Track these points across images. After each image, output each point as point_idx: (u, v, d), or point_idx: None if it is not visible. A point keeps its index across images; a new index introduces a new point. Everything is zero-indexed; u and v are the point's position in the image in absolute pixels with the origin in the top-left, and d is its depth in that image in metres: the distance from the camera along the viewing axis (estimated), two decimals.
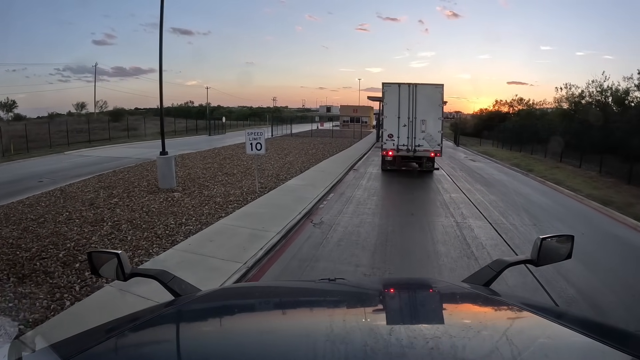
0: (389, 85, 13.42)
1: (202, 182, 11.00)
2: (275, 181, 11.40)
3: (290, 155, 18.21)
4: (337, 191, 10.46)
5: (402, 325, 1.00)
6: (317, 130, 38.96)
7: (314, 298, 1.35)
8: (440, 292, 1.41)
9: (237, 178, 11.81)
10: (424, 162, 13.63)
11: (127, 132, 31.76)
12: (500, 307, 1.17)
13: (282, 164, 15.07)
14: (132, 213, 7.50)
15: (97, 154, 19.23)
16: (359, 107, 48.71)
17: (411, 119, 13.26)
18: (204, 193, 9.56)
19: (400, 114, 13.30)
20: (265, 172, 13.07)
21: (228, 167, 14.11)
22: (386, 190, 10.90)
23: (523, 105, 38.19)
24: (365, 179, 12.56)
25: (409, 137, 13.36)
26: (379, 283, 1.95)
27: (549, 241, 1.47)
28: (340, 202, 9.15)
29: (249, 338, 0.91)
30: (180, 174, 12.10)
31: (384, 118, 13.60)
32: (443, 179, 12.99)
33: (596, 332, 0.91)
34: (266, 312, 1.23)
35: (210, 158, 16.69)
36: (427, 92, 13.16)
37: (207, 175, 12.17)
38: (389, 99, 13.40)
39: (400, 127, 13.36)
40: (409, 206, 8.92)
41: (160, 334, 1.03)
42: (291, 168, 14.00)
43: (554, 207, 9.67)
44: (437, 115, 13.22)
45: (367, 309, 1.19)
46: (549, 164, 17.42)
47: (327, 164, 15.56)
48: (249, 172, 12.92)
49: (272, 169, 13.70)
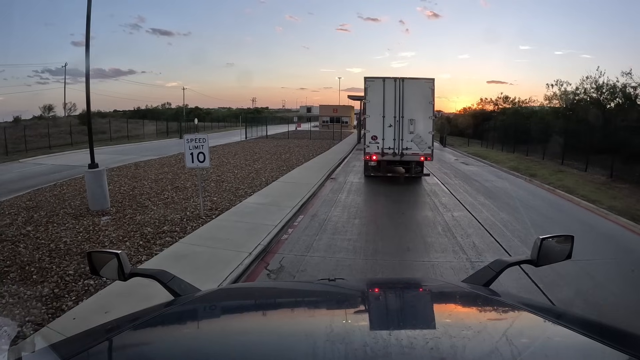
0: (372, 79, 11.23)
1: (144, 200, 8.67)
2: (232, 198, 9.00)
3: (260, 161, 15.80)
4: (308, 212, 8.15)
5: (402, 325, 1.01)
6: (295, 132, 36.61)
7: (314, 298, 1.34)
8: (440, 293, 1.40)
9: (187, 194, 9.39)
10: (412, 167, 11.50)
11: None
12: (500, 307, 1.17)
13: (247, 172, 12.67)
14: (34, 252, 5.42)
15: (52, 162, 16.74)
16: (339, 107, 46.53)
17: (398, 119, 11.12)
18: (136, 219, 7.20)
19: (385, 113, 11.14)
20: (223, 184, 10.65)
21: (183, 178, 11.64)
22: (371, 209, 8.64)
23: (508, 104, 36.79)
24: (345, 191, 10.29)
25: (395, 139, 11.23)
26: (379, 283, 1.87)
27: (549, 241, 1.45)
28: (310, 229, 6.84)
29: (249, 338, 0.92)
30: (124, 189, 9.99)
31: (367, 118, 11.39)
32: (438, 189, 10.86)
33: (596, 332, 0.91)
34: (266, 312, 1.22)
35: (169, 166, 14.20)
36: (415, 87, 11.04)
37: (154, 190, 9.78)
38: (372, 96, 11.20)
39: (386, 128, 11.20)
40: (402, 234, 6.68)
41: (160, 334, 1.03)
42: (257, 178, 11.63)
43: (581, 229, 7.63)
44: (427, 114, 11.11)
45: (366, 309, 1.19)
46: (550, 168, 15.59)
47: (300, 171, 13.23)
48: (204, 184, 10.49)
49: (234, 180, 11.29)
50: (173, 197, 9.06)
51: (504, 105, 36.66)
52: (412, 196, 10.02)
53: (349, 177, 12.73)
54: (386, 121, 11.13)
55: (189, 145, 7.32)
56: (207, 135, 7.56)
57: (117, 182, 10.92)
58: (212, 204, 8.47)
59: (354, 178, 12.48)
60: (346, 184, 11.44)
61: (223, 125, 58.03)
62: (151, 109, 68.65)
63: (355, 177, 12.59)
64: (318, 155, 18.44)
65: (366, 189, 10.85)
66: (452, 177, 13.20)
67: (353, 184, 11.44)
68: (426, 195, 9.98)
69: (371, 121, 11.28)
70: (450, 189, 10.91)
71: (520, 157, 19.05)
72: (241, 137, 30.22)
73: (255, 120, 38.66)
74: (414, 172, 11.49)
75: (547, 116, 23.80)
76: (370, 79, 11.18)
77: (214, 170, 13.14)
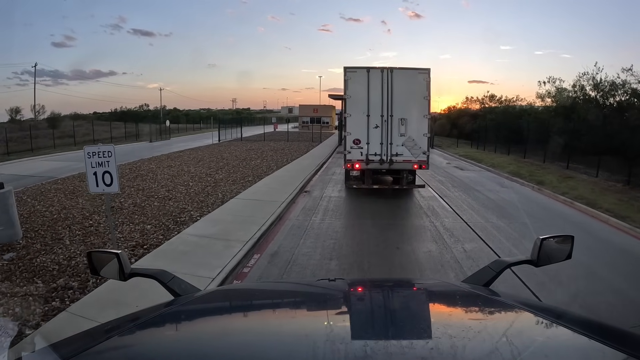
0: (354, 69, 9.05)
1: (63, 229, 6.51)
2: (170, 226, 6.70)
3: (224, 169, 13.42)
4: (267, 247, 5.89)
5: (402, 325, 1.01)
6: (273, 133, 34.24)
7: (314, 298, 1.32)
8: (441, 293, 1.40)
9: (121, 218, 7.05)
10: (404, 177, 9.38)
11: (55, 140, 26.30)
12: (500, 308, 1.17)
13: (204, 186, 10.32)
14: None
15: (2, 172, 13.97)
16: (320, 107, 44.34)
17: (386, 118, 8.97)
18: (36, 261, 5.08)
19: (370, 111, 8.98)
20: (168, 203, 8.31)
21: (125, 194, 9.21)
22: (354, 240, 6.40)
23: (495, 102, 35.40)
24: (320, 211, 8.07)
25: (382, 144, 9.07)
26: (380, 283, 1.76)
27: (549, 241, 1.44)
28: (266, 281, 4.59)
29: (249, 338, 0.91)
30: (53, 209, 7.84)
31: (348, 117, 9.19)
32: (436, 204, 8.78)
33: (596, 332, 0.91)
34: (266, 312, 1.21)
35: (126, 175, 11.74)
36: (407, 79, 8.92)
37: (83, 213, 7.56)
38: (354, 90, 9.02)
39: (371, 130, 9.04)
40: None
41: (160, 334, 1.03)
42: (213, 194, 9.31)
43: (630, 262, 5.66)
44: (421, 112, 8.99)
45: (367, 309, 1.18)
46: (555, 172, 13.76)
47: (268, 183, 10.94)
48: (149, 202, 8.10)
49: (183, 197, 8.93)
50: (99, 224, 6.73)
51: (490, 104, 35.26)
52: (406, 217, 7.88)
53: (326, 189, 10.51)
54: (372, 121, 8.98)
55: (92, 162, 4.82)
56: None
57: (50, 200, 8.60)
58: (141, 236, 6.18)
59: (332, 191, 10.27)
60: (322, 199, 9.22)
61: (199, 127, 55.13)
62: (126, 111, 65.61)
63: (334, 190, 10.39)
64: (293, 161, 16.17)
65: (347, 207, 8.65)
66: (450, 186, 11.16)
67: (331, 199, 9.23)
68: (424, 215, 7.85)
69: (353, 121, 9.09)
70: (451, 204, 8.84)
71: (518, 160, 17.25)
72: (213, 140, 27.70)
73: (230, 122, 36.00)
74: (406, 184, 9.37)
75: (542, 115, 22.19)
76: (351, 69, 9.00)
77: (165, 182, 10.77)
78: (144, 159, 16.40)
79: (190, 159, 16.50)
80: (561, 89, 21.51)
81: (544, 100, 22.89)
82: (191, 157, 17.23)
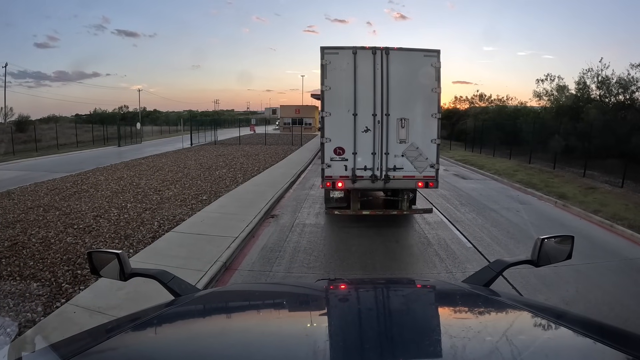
0: (335, 50, 6.58)
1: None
2: (62, 286, 4.22)
3: (179, 183, 10.86)
4: None
5: (403, 325, 0.98)
6: (252, 136, 31.67)
7: (314, 298, 1.29)
8: (441, 293, 1.37)
9: (8, 263, 4.52)
10: (404, 198, 7.01)
11: (17, 146, 23.31)
12: (500, 308, 1.14)
13: (144, 208, 7.81)
14: None
15: None
16: (302, 107, 41.88)
17: (379, 118, 6.50)
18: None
19: (357, 109, 6.53)
20: (83, 239, 5.81)
21: (47, 219, 6.64)
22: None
23: (485, 102, 33.68)
24: (287, 253, 5.66)
25: (375, 153, 6.58)
26: (380, 283, 1.78)
27: (549, 242, 1.41)
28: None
29: (249, 338, 0.90)
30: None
31: (326, 116, 6.70)
32: (447, 236, 6.49)
33: (596, 332, 0.89)
34: (266, 312, 1.18)
35: (64, 191, 9.15)
36: (409, 64, 6.49)
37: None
38: (335, 79, 6.54)
39: (359, 134, 6.58)
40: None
41: (160, 334, 1.01)
42: (149, 221, 6.86)
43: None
44: (429, 110, 6.57)
45: (367, 309, 1.15)
46: (572, 182, 11.70)
47: (226, 203, 8.45)
48: (64, 235, 5.55)
49: (108, 229, 6.46)
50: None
51: (480, 104, 33.53)
52: (410, 263, 5.54)
53: (300, 212, 8.09)
54: (360, 122, 6.55)
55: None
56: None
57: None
58: (8, 312, 3.68)
59: (308, 214, 7.87)
60: (293, 230, 6.80)
61: (175, 130, 51.97)
62: (100, 113, 61.64)
63: (311, 212, 7.99)
64: (266, 170, 13.69)
65: (326, 244, 6.23)
66: (457, 204, 8.91)
67: (304, 230, 6.81)
68: (435, 259, 5.53)
69: (334, 122, 6.62)
70: (467, 234, 6.57)
71: (523, 165, 15.19)
72: (184, 144, 24.98)
73: (209, 123, 33.14)
74: (405, 207, 7.01)
75: (543, 115, 20.33)
76: (331, 50, 6.55)
77: (101, 203, 8.31)
78: (99, 168, 13.87)
79: (148, 168, 13.90)
80: (562, 87, 19.66)
81: (541, 99, 21.01)
82: (151, 166, 14.62)
